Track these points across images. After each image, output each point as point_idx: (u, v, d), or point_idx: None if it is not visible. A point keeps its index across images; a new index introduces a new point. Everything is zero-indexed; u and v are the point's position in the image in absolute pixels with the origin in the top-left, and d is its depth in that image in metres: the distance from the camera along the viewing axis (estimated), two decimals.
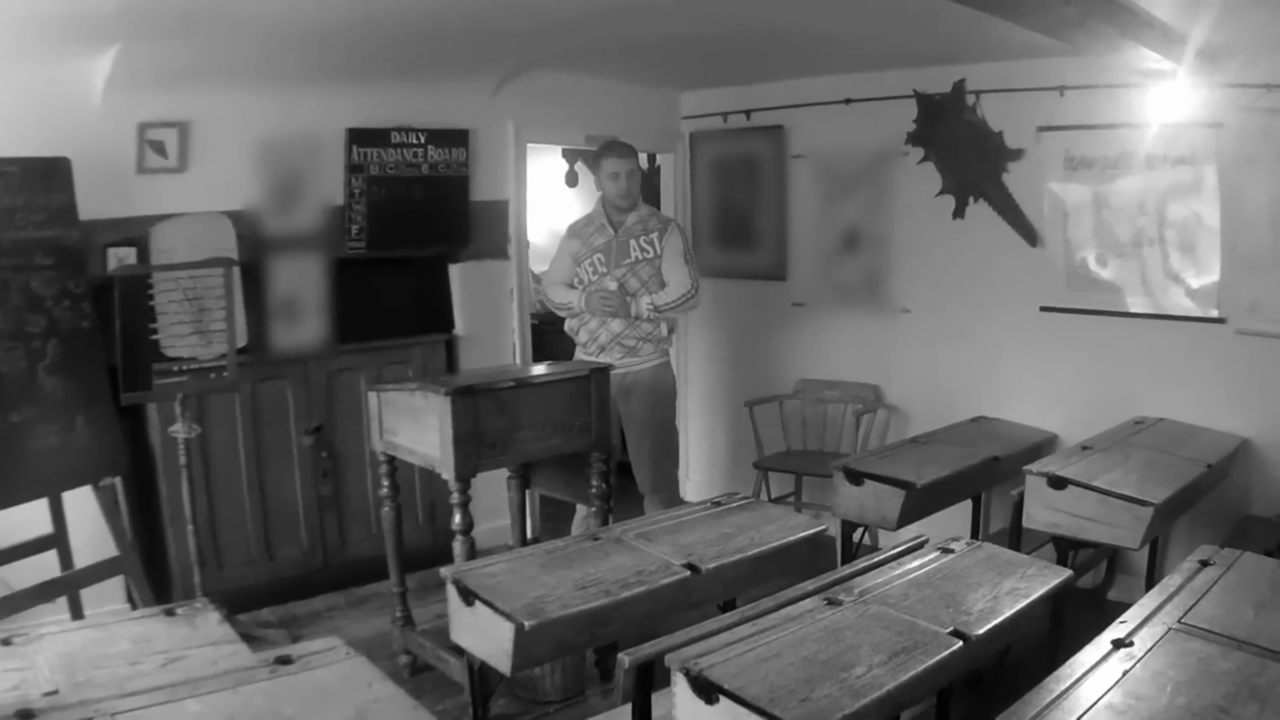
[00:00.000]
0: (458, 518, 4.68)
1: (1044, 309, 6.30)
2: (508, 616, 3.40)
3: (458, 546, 4.71)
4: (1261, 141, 5.36)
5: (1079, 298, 6.16)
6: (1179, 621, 3.08)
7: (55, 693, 2.73)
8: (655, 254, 5.97)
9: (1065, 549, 4.95)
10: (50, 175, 4.73)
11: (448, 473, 4.58)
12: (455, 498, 4.65)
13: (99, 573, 5.01)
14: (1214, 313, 5.68)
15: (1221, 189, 5.55)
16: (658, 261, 5.97)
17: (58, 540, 4.98)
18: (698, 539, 4.09)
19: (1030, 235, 6.30)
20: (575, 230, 6.24)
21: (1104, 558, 5.82)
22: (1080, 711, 2.54)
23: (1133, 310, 5.98)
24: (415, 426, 4.76)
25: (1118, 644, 2.92)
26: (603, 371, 5.10)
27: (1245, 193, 5.48)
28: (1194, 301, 5.74)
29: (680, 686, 2.85)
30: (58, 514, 4.95)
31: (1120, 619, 3.11)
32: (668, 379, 6.23)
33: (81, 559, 5.01)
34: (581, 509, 5.71)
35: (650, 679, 3.20)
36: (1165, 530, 5.51)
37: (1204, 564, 3.55)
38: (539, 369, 5.56)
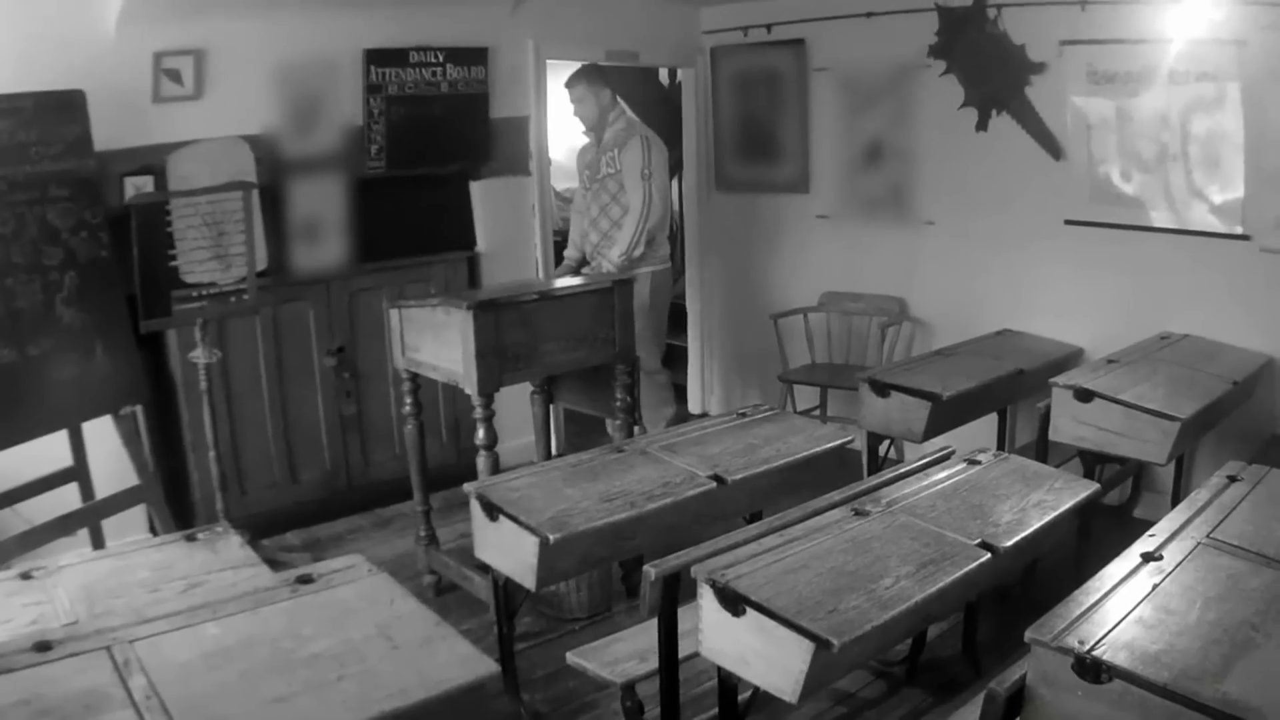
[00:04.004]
0: (481, 432, 4.68)
1: (1068, 222, 6.21)
2: (532, 530, 3.40)
3: (481, 461, 4.71)
4: None
5: (1103, 211, 6.07)
6: (1208, 536, 3.05)
7: (75, 623, 2.72)
8: (617, 169, 6.02)
9: (1092, 463, 4.91)
10: (65, 108, 4.67)
11: (470, 387, 4.57)
12: (479, 412, 4.64)
13: (120, 502, 4.99)
14: (1238, 229, 5.57)
15: (1245, 107, 5.44)
16: (620, 176, 6.00)
17: (78, 473, 4.97)
18: (723, 450, 4.08)
19: (1054, 148, 6.21)
20: (581, 149, 6.60)
21: (1130, 474, 5.80)
22: (1110, 625, 2.51)
23: (1156, 225, 5.89)
24: (437, 342, 4.74)
25: (1147, 557, 2.89)
26: (625, 283, 5.09)
27: (1268, 111, 5.36)
28: (1218, 217, 5.65)
29: (706, 599, 2.85)
30: (78, 445, 4.94)
31: (1149, 532, 3.07)
32: (656, 278, 6.48)
33: (103, 491, 5.00)
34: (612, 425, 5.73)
35: (676, 593, 3.21)
36: (1191, 447, 5.48)
37: (1232, 479, 3.51)
38: (562, 282, 5.54)
